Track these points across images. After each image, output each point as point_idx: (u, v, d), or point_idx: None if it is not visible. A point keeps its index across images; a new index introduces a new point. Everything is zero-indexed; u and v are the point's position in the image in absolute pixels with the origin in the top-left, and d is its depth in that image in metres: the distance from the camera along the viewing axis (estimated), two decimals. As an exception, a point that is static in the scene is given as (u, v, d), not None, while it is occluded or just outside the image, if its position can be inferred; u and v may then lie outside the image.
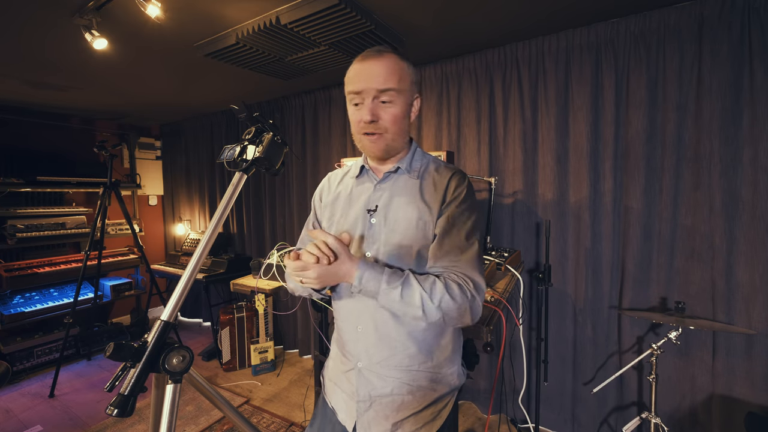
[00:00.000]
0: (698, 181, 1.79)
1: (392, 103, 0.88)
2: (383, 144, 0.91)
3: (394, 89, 0.87)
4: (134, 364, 0.70)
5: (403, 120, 0.92)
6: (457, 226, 0.88)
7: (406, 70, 0.91)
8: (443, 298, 0.80)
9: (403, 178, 0.96)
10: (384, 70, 0.87)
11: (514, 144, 2.25)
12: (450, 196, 0.91)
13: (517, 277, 1.80)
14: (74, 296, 2.83)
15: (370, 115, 0.87)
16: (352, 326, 0.96)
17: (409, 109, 0.93)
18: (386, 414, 0.92)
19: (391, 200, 0.94)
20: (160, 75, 2.60)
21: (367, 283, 0.81)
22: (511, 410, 2.33)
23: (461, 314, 0.82)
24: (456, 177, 0.94)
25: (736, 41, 1.67)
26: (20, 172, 3.19)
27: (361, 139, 0.93)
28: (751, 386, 1.72)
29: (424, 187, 0.93)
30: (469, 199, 0.92)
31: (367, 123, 0.88)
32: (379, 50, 0.90)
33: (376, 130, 0.90)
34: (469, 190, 0.93)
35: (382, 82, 0.86)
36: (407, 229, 0.89)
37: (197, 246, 0.82)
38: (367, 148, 0.95)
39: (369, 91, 0.87)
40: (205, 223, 4.08)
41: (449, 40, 2.15)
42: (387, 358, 0.92)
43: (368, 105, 0.88)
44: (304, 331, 3.28)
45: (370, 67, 0.88)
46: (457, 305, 0.81)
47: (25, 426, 2.37)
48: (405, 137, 0.95)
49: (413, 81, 0.93)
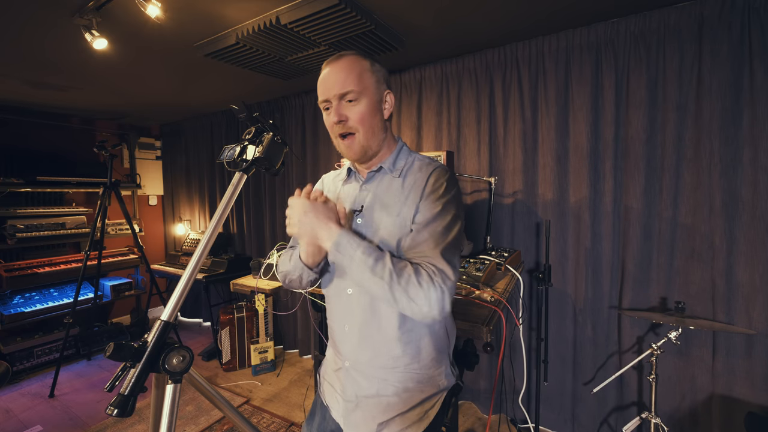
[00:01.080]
0: (698, 181, 1.79)
1: (356, 102, 0.89)
2: (358, 146, 0.92)
3: (354, 89, 0.88)
4: (134, 364, 0.70)
5: (373, 117, 0.91)
6: (434, 218, 0.86)
7: (367, 68, 0.91)
8: (410, 281, 0.78)
9: (387, 177, 0.96)
10: (342, 73, 0.89)
11: (514, 144, 2.25)
12: (429, 189, 0.89)
13: (517, 277, 1.80)
14: (74, 296, 2.83)
15: (336, 116, 0.90)
16: (340, 326, 0.98)
17: (378, 105, 0.93)
18: (372, 414, 0.93)
19: (374, 201, 0.95)
20: (160, 75, 2.60)
21: (344, 249, 0.82)
22: (511, 410, 2.33)
23: (428, 304, 0.78)
24: (436, 171, 0.92)
25: (736, 41, 1.67)
26: (20, 172, 3.19)
27: (338, 143, 0.95)
28: (751, 386, 1.72)
29: (406, 185, 0.93)
30: (448, 193, 0.88)
31: (336, 124, 0.90)
32: (339, 54, 0.92)
33: (347, 131, 0.91)
34: (449, 183, 0.90)
35: (342, 85, 0.88)
36: (391, 226, 0.89)
37: (197, 246, 0.82)
38: (344, 153, 0.96)
39: (332, 96, 0.90)
40: (205, 223, 4.08)
41: (449, 40, 2.15)
42: (371, 358, 0.93)
43: (335, 107, 0.90)
44: (304, 331, 3.28)
45: (330, 74, 0.90)
46: (424, 293, 0.77)
47: (25, 426, 2.37)
48: (380, 135, 0.94)
49: (378, 77, 0.93)
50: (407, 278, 0.78)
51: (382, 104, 0.94)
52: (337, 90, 0.89)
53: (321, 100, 0.93)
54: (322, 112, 0.95)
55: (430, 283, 0.78)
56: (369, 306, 0.91)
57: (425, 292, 0.78)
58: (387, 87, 0.95)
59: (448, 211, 0.87)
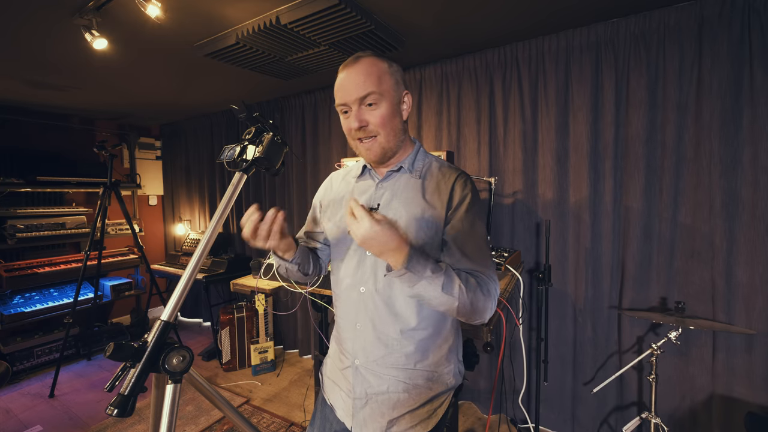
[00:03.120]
0: (698, 181, 1.79)
1: (377, 105, 0.88)
2: (378, 148, 0.92)
3: (375, 92, 0.87)
4: (134, 364, 0.70)
5: (393, 119, 0.91)
6: (473, 231, 0.90)
7: (386, 70, 0.90)
8: (476, 293, 0.82)
9: (404, 177, 0.96)
10: (361, 76, 0.87)
11: (514, 144, 2.25)
12: (457, 199, 0.91)
13: (517, 277, 1.80)
14: (74, 296, 2.83)
15: (357, 121, 0.89)
16: (351, 324, 0.98)
17: (398, 107, 0.92)
18: (382, 411, 0.93)
19: (392, 198, 0.95)
20: (160, 75, 2.60)
21: (414, 267, 0.77)
22: (511, 410, 2.33)
23: (484, 311, 0.85)
24: (461, 179, 0.94)
25: (736, 41, 1.67)
26: (20, 172, 3.18)
27: (356, 146, 0.94)
28: (750, 386, 1.72)
29: (427, 187, 0.94)
30: (477, 202, 0.93)
31: (356, 130, 0.90)
32: (356, 57, 0.90)
33: (367, 135, 0.90)
34: (474, 191, 0.94)
35: (362, 88, 0.87)
36: (409, 226, 0.90)
37: (197, 246, 0.82)
38: (363, 155, 0.96)
39: (352, 101, 0.89)
40: (205, 223, 4.08)
41: (449, 40, 2.15)
42: (384, 356, 0.93)
43: (355, 112, 0.89)
44: (304, 331, 3.28)
45: (349, 77, 0.89)
46: (482, 302, 0.84)
47: (25, 426, 2.37)
48: (400, 136, 0.94)
49: (397, 79, 0.92)
50: (474, 292, 0.83)
51: (400, 106, 0.93)
52: (356, 94, 0.87)
53: (339, 103, 0.91)
54: (340, 115, 0.94)
55: (488, 294, 0.85)
56: (384, 303, 0.92)
57: (489, 302, 0.85)
58: (405, 87, 0.95)
59: (482, 221, 0.94)
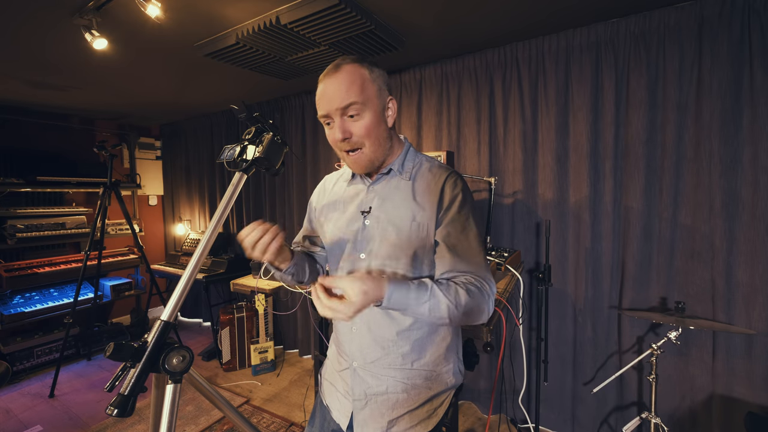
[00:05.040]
0: (698, 181, 1.79)
1: (360, 116, 0.86)
2: (365, 160, 0.90)
3: (357, 102, 0.84)
4: (134, 364, 0.70)
5: (378, 128, 0.88)
6: (465, 231, 0.89)
7: (367, 77, 0.86)
8: (467, 304, 0.81)
9: (395, 179, 0.96)
10: (343, 85, 0.84)
11: (514, 144, 2.25)
12: (447, 200, 0.90)
13: (517, 277, 1.80)
14: (74, 296, 2.83)
15: (341, 132, 0.86)
16: (347, 327, 0.98)
17: (382, 114, 0.89)
18: (382, 412, 0.93)
19: (383, 201, 0.94)
20: (160, 75, 2.60)
21: (395, 303, 0.78)
22: (511, 410, 2.33)
23: (480, 314, 0.84)
24: (451, 179, 0.92)
25: (736, 41, 1.67)
26: (20, 172, 3.18)
27: (344, 157, 0.93)
28: (750, 386, 1.72)
29: (417, 188, 0.93)
30: (468, 202, 0.91)
31: (341, 141, 0.87)
32: (337, 65, 0.87)
33: (353, 147, 0.88)
34: (465, 191, 0.92)
35: (344, 98, 0.84)
36: (401, 229, 0.90)
37: (197, 246, 0.82)
38: (351, 167, 0.95)
39: (334, 112, 0.86)
40: (205, 223, 4.08)
41: (449, 40, 2.15)
42: (381, 357, 0.93)
43: (338, 123, 0.86)
44: (304, 331, 3.28)
45: (329, 87, 0.86)
46: (478, 307, 0.83)
47: (25, 426, 2.37)
48: (386, 144, 0.92)
49: (380, 85, 0.89)
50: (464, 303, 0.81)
51: (385, 113, 0.90)
52: (337, 104, 0.84)
53: (321, 114, 0.88)
54: (324, 126, 0.92)
55: (482, 296, 0.84)
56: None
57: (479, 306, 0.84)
58: (389, 93, 0.92)
59: (474, 220, 0.91)
